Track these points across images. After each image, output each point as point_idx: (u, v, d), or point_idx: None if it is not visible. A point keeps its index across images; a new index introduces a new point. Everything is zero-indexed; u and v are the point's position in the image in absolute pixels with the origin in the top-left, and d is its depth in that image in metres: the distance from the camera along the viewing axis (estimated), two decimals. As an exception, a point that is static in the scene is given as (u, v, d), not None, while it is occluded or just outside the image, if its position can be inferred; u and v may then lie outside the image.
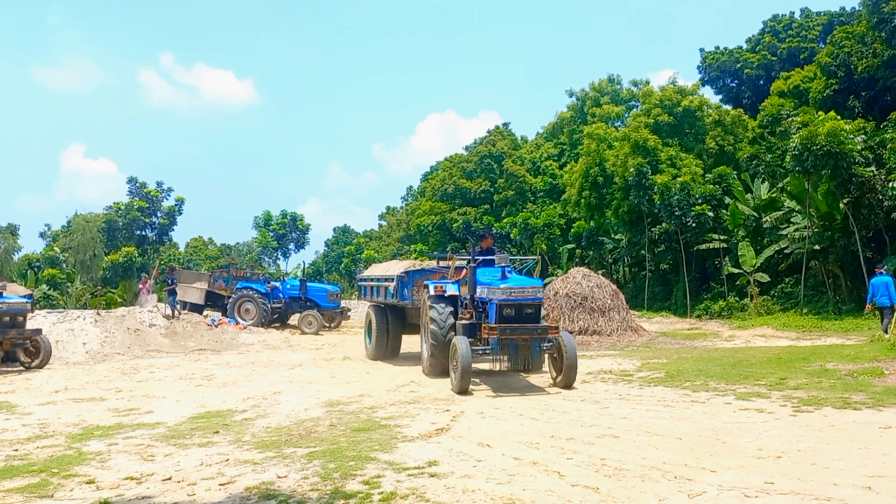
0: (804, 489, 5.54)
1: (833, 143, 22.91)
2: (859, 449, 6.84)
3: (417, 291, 14.57)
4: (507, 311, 10.98)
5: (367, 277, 18.12)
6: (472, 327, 11.87)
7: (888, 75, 28.72)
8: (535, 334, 10.92)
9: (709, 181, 31.96)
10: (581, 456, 6.89)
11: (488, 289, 11.38)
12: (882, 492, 5.42)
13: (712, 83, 46.12)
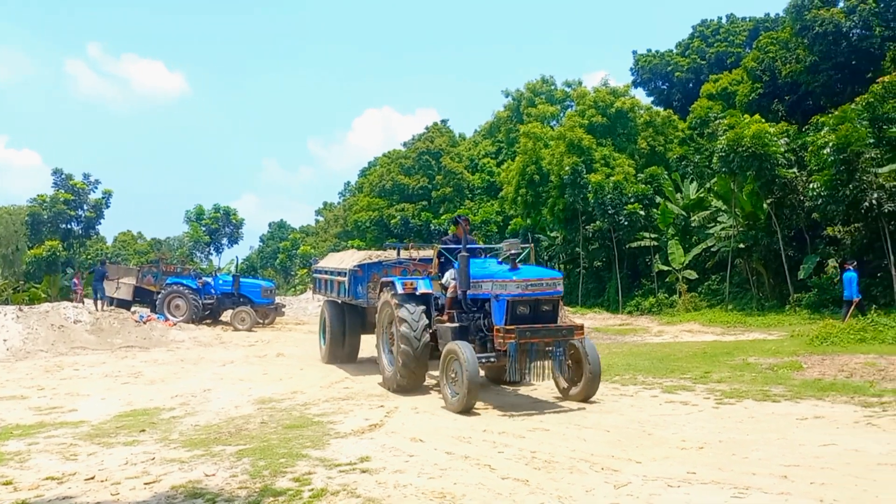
0: (724, 478, 5.73)
1: (758, 146, 23.74)
2: (777, 439, 7.13)
3: (375, 288, 12.24)
4: (521, 308, 9.01)
5: (321, 269, 15.88)
6: (463, 331, 9.75)
7: (810, 80, 29.91)
8: (559, 336, 8.96)
9: (641, 181, 32.69)
10: (512, 449, 6.98)
11: (495, 282, 9.20)
12: (797, 480, 5.66)
13: (644, 85, 47.20)
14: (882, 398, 9.05)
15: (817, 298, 22.85)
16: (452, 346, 9.10)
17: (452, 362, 9.10)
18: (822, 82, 29.42)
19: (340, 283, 13.53)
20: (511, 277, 9.09)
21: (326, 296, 14.99)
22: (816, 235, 25.39)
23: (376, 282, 12.21)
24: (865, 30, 28.59)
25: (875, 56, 28.25)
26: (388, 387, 10.84)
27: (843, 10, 29.02)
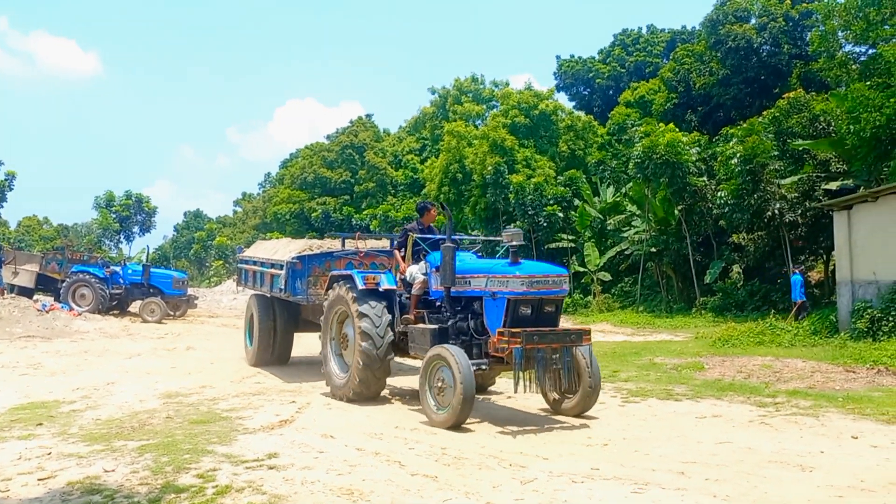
0: (626, 474, 5.92)
1: (671, 154, 24.61)
2: (677, 437, 7.41)
3: (316, 283, 11.00)
4: (523, 309, 7.83)
5: (248, 259, 14.11)
6: (443, 333, 8.56)
7: (721, 93, 31.21)
8: (568, 341, 7.82)
9: (560, 183, 33.37)
10: (423, 446, 7.01)
11: (491, 278, 8.03)
12: (693, 476, 5.91)
13: (566, 90, 48.22)
14: (776, 399, 9.53)
15: (721, 302, 23.87)
16: (441, 351, 7.77)
17: (440, 369, 7.80)
18: (732, 95, 30.74)
19: (274, 277, 11.92)
20: (514, 273, 7.78)
21: (254, 289, 13.38)
22: (723, 242, 26.51)
23: (317, 276, 11.03)
24: (775, 47, 30.05)
25: (783, 72, 29.75)
26: (341, 395, 9.42)
27: (754, 26, 30.42)
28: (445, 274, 8.41)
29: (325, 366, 9.93)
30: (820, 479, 5.77)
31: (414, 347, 8.91)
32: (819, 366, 12.15)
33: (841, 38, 22.00)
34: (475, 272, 8.36)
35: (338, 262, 11.25)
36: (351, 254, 11.45)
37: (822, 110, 21.37)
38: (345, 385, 9.37)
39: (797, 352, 14.23)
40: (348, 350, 9.56)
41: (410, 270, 9.29)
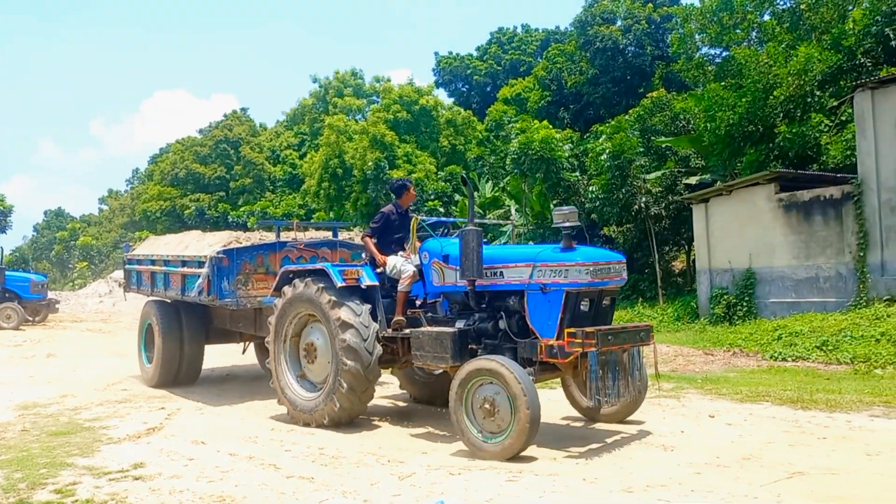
0: (501, 464, 6.04)
1: (546, 150, 25.36)
2: (551, 424, 7.65)
3: (247, 283, 9.37)
4: (582, 304, 6.50)
5: (141, 259, 11.94)
6: (464, 338, 6.95)
7: (591, 91, 32.45)
8: (638, 340, 6.76)
9: (441, 178, 33.70)
10: (300, 447, 6.88)
11: (540, 266, 6.55)
12: (565, 461, 6.13)
13: (446, 86, 48.69)
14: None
15: (595, 293, 24.80)
16: (487, 364, 6.23)
17: (483, 387, 6.28)
18: (601, 94, 32.02)
19: (187, 277, 10.00)
20: (574, 259, 6.41)
21: (152, 294, 11.32)
22: (595, 235, 27.58)
23: (248, 273, 9.33)
24: (639, 48, 31.55)
25: (647, 73, 31.30)
26: (308, 421, 7.71)
27: (620, 28, 31.79)
28: (469, 264, 6.70)
29: (279, 383, 8.12)
30: (681, 457, 6.12)
31: (421, 357, 7.06)
32: (681, 350, 12.90)
33: (698, 40, 23.41)
34: (512, 261, 6.79)
35: (272, 256, 9.56)
36: (288, 246, 9.77)
37: (681, 109, 22.65)
38: (316, 408, 7.63)
39: (661, 337, 15.04)
40: (317, 364, 7.84)
41: (393, 263, 7.75)
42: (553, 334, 6.38)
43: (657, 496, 5.02)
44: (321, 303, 7.54)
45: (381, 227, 8.09)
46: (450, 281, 7.28)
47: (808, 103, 18.40)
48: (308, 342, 7.98)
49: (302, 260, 9.64)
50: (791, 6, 21.35)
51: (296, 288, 7.93)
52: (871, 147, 13.53)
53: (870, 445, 6.18)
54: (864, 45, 18.69)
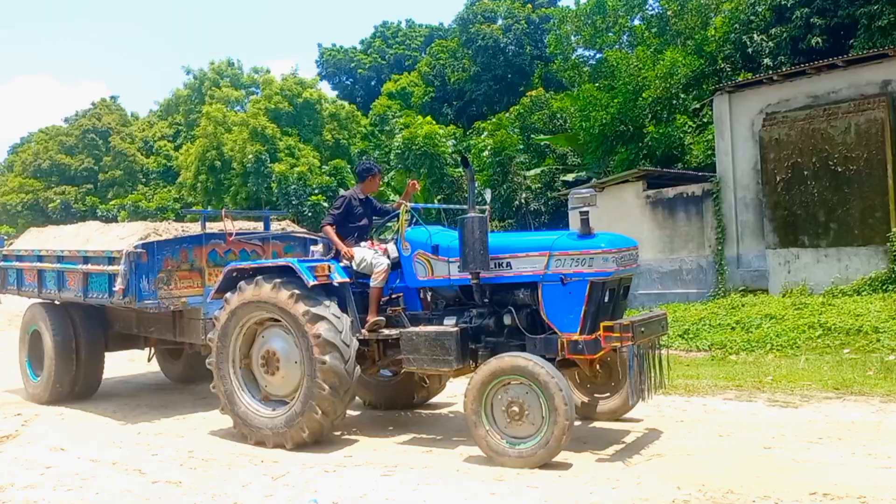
0: (378, 458, 6.05)
1: (429, 145, 25.64)
2: (428, 416, 7.75)
3: (169, 282, 8.12)
4: (605, 294, 5.96)
5: (20, 254, 10.15)
6: (464, 338, 6.24)
7: (474, 88, 33.04)
8: (661, 331, 6.31)
9: (325, 172, 33.31)
10: (168, 450, 6.62)
11: (558, 255, 5.90)
12: (441, 454, 6.21)
13: (329, 79, 48.15)
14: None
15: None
16: (520, 363, 5.58)
17: (511, 388, 5.64)
18: (483, 91, 32.66)
19: (91, 276, 8.60)
20: (598, 247, 5.83)
21: (39, 296, 9.64)
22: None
23: (171, 271, 8.10)
24: (519, 47, 32.39)
25: (526, 72, 32.17)
26: (279, 443, 6.60)
27: (501, 27, 32.52)
28: (474, 255, 6.01)
29: (231, 404, 6.89)
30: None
31: (416, 361, 6.33)
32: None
33: (574, 42, 24.28)
34: (523, 250, 6.12)
35: (197, 251, 8.37)
36: (214, 238, 8.57)
37: (559, 108, 23.44)
38: (289, 425, 6.51)
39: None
40: (279, 376, 6.77)
41: (362, 255, 6.90)
42: (576, 329, 5.80)
43: (527, 483, 5.18)
44: (281, 301, 6.48)
45: (342, 214, 7.12)
46: (440, 274, 6.49)
47: (674, 105, 19.51)
48: (267, 350, 6.81)
49: (231, 255, 8.56)
50: (659, 12, 22.53)
51: (255, 288, 6.67)
52: (728, 147, 14.48)
53: (722, 426, 6.62)
54: (725, 51, 19.99)
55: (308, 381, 6.40)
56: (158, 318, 8.55)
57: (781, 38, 18.42)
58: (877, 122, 12.19)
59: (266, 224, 9.43)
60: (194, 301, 8.10)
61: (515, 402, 5.57)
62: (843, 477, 4.96)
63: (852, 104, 12.55)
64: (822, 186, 12.69)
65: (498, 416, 5.65)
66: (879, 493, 4.62)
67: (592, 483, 5.11)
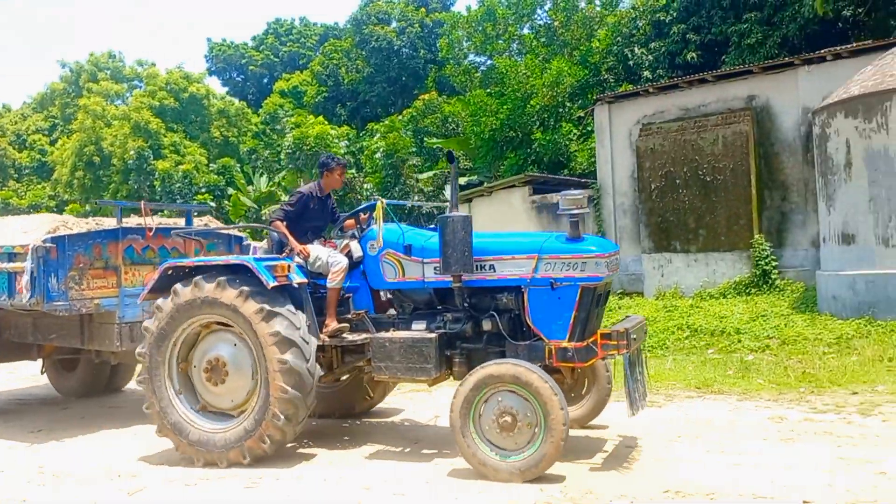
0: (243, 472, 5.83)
1: (321, 146, 25.28)
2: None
3: (81, 282, 7.16)
4: (595, 299, 5.80)
5: None
6: (441, 344, 5.88)
7: (368, 90, 32.88)
8: (644, 338, 6.21)
9: (213, 171, 32.27)
10: (17, 465, 6.18)
11: (548, 259, 5.63)
12: (314, 461, 6.08)
13: (219, 74, 46.73)
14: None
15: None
16: (514, 370, 5.25)
17: (502, 398, 5.29)
18: (377, 93, 32.57)
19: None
20: (590, 251, 5.60)
21: None
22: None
23: (83, 269, 7.15)
24: (413, 50, 32.49)
25: (420, 75, 32.30)
26: (231, 459, 5.95)
27: (395, 29, 32.53)
28: (457, 256, 5.65)
29: (170, 422, 6.12)
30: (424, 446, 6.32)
31: (388, 369, 5.91)
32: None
33: (465, 47, 24.57)
34: (509, 252, 5.81)
35: (112, 247, 7.43)
36: (132, 232, 7.68)
37: (450, 112, 23.65)
38: (245, 437, 5.88)
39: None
40: (227, 386, 6.12)
41: (317, 253, 6.38)
42: (564, 335, 5.59)
43: (393, 490, 5.14)
44: (246, 312, 5.84)
45: (297, 211, 6.61)
46: (412, 276, 6.08)
47: (560, 113, 20.07)
48: (213, 358, 6.15)
49: (150, 252, 7.69)
50: (547, 23, 23.14)
51: (199, 287, 6.00)
52: (608, 156, 15.01)
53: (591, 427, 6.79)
54: (608, 63, 20.74)
55: (265, 385, 5.85)
56: (62, 323, 7.55)
57: (660, 52, 19.30)
58: (742, 134, 12.94)
59: (188, 219, 8.65)
60: (108, 303, 7.23)
61: (507, 412, 5.23)
62: (696, 474, 5.18)
63: (720, 117, 13.26)
64: (692, 194, 13.35)
65: (487, 428, 5.28)
66: (727, 489, 4.86)
67: (457, 488, 5.12)
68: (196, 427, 6.08)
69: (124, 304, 7.27)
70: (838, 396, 7.40)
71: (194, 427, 6.08)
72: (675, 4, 19.05)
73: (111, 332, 7.26)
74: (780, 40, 16.90)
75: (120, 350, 7.23)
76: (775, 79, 12.96)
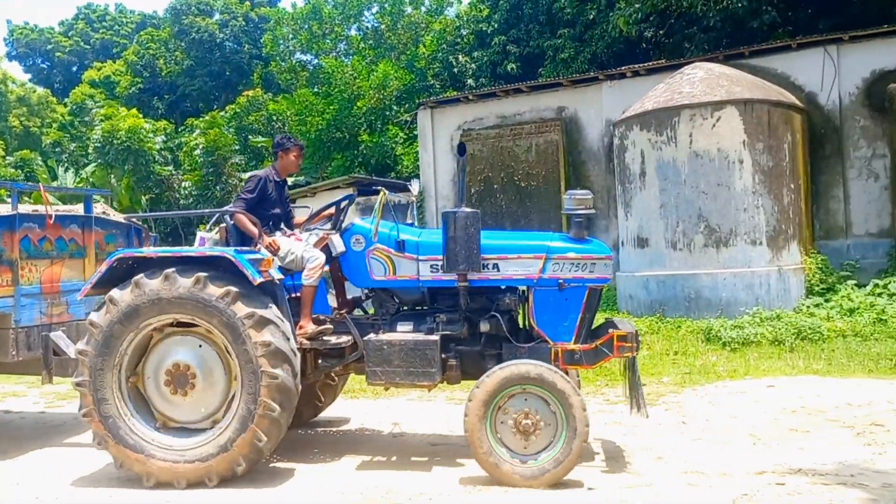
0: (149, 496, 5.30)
1: (133, 140, 23.73)
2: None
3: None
4: (596, 301, 5.76)
5: None
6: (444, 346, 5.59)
7: (188, 83, 31.34)
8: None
9: (10, 164, 29.44)
10: None
11: (556, 259, 5.52)
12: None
13: (21, 60, 42.74)
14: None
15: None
16: (536, 371, 5.07)
17: (522, 400, 5.11)
18: (198, 87, 31.16)
19: None
20: (599, 252, 5.61)
21: None
22: (190, 233, 26.66)
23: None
24: (237, 45, 31.41)
25: (245, 71, 31.27)
26: (192, 479, 5.22)
27: (217, 22, 31.27)
28: (465, 254, 5.42)
29: (116, 437, 5.28)
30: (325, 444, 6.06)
31: (385, 374, 5.54)
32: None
33: (291, 45, 24.08)
34: (515, 251, 5.64)
35: (6, 237, 6.17)
36: (30, 221, 6.49)
37: (276, 110, 23.07)
38: (214, 457, 5.18)
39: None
40: (193, 395, 5.38)
41: (288, 247, 5.83)
42: (570, 337, 5.51)
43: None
44: (233, 314, 5.12)
45: (255, 199, 5.92)
46: (405, 274, 5.72)
47: (387, 116, 20.18)
48: (176, 363, 5.40)
49: (47, 244, 6.52)
50: (374, 25, 23.21)
51: (168, 282, 5.22)
52: (430, 159, 15.29)
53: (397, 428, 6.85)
54: (434, 69, 21.14)
55: (247, 400, 5.15)
56: None
57: (483, 62, 19.94)
58: (553, 143, 13.65)
59: (87, 205, 7.38)
60: (3, 304, 6.05)
61: (527, 415, 5.04)
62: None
63: (534, 126, 13.92)
64: (508, 199, 13.90)
65: (504, 432, 5.07)
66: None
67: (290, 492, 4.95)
68: (149, 441, 5.28)
69: (20, 305, 6.13)
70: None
71: (148, 441, 5.27)
72: (496, 17, 19.76)
73: (5, 338, 6.11)
74: (590, 56, 18.01)
75: (15, 360, 6.10)
76: (582, 92, 13.80)
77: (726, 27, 15.95)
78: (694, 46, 16.13)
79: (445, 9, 22.75)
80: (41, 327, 5.98)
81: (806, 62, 11.99)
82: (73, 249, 6.65)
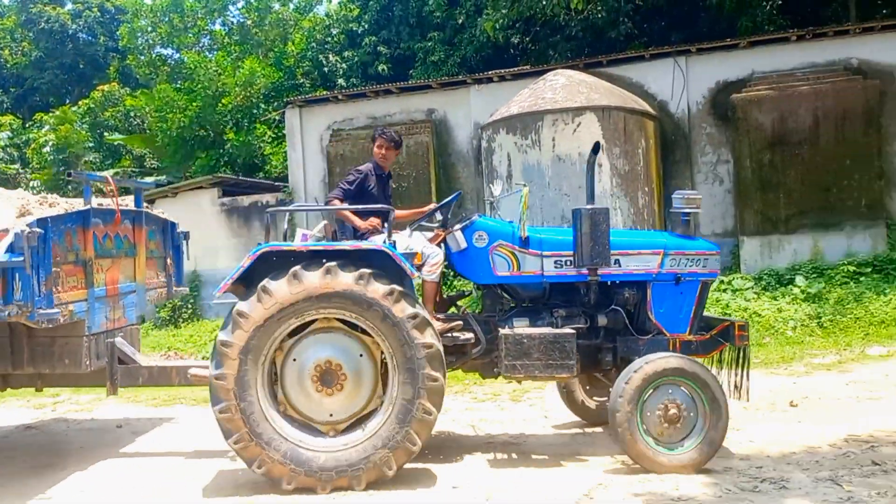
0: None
1: (-28, 135, 21.81)
2: None
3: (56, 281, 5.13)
4: (706, 294, 6.06)
5: None
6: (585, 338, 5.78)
7: (36, 76, 29.17)
8: None
9: None
10: None
11: (674, 255, 5.76)
12: None
13: None
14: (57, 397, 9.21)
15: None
16: (684, 364, 5.26)
17: (668, 391, 5.24)
18: (48, 80, 29.13)
19: None
20: (710, 248, 5.95)
21: None
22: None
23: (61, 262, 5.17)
24: (91, 36, 29.57)
25: (101, 64, 29.45)
26: (338, 484, 4.93)
27: (69, 12, 29.33)
28: (597, 249, 5.49)
29: (260, 439, 4.93)
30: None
31: (524, 367, 5.47)
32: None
33: (150, 38, 22.92)
34: (635, 247, 5.79)
35: (81, 235, 5.43)
36: (103, 216, 5.78)
37: (134, 106, 21.88)
38: (369, 459, 4.93)
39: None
40: (342, 394, 5.10)
41: (407, 244, 5.67)
42: (685, 329, 5.74)
43: None
44: (397, 314, 4.94)
45: (354, 192, 5.86)
46: (529, 270, 5.73)
47: (254, 114, 19.61)
48: (327, 361, 5.09)
49: (108, 241, 5.90)
50: (240, 21, 22.49)
51: (328, 277, 4.96)
52: (299, 159, 14.98)
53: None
54: (304, 67, 20.73)
55: (404, 402, 4.98)
56: None
57: (353, 62, 19.76)
58: (423, 145, 13.74)
59: (138, 199, 6.83)
60: (78, 310, 5.34)
61: (673, 405, 5.21)
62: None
63: (404, 127, 13.91)
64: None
65: (651, 422, 5.20)
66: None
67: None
68: (296, 443, 4.99)
69: (94, 310, 5.51)
70: (496, 387, 8.14)
71: (295, 443, 4.98)
72: (367, 17, 19.65)
73: (78, 347, 5.43)
74: (459, 60, 18.26)
75: (88, 370, 5.49)
76: (451, 95, 13.99)
77: (587, 36, 16.66)
78: (557, 54, 16.73)
79: (315, 7, 22.41)
80: (106, 333, 5.55)
81: (658, 72, 12.71)
82: (127, 247, 6.20)
